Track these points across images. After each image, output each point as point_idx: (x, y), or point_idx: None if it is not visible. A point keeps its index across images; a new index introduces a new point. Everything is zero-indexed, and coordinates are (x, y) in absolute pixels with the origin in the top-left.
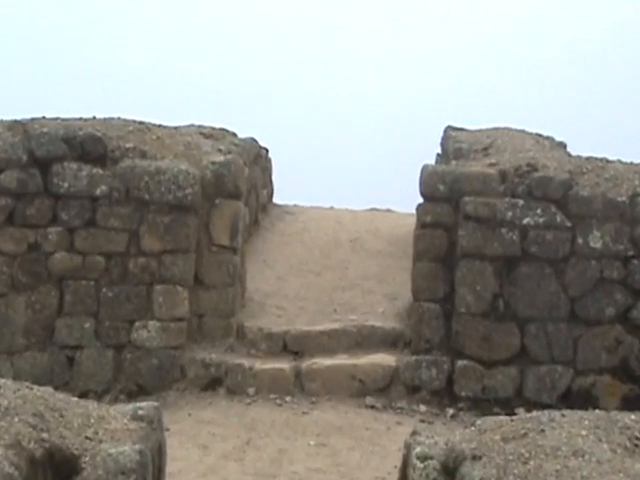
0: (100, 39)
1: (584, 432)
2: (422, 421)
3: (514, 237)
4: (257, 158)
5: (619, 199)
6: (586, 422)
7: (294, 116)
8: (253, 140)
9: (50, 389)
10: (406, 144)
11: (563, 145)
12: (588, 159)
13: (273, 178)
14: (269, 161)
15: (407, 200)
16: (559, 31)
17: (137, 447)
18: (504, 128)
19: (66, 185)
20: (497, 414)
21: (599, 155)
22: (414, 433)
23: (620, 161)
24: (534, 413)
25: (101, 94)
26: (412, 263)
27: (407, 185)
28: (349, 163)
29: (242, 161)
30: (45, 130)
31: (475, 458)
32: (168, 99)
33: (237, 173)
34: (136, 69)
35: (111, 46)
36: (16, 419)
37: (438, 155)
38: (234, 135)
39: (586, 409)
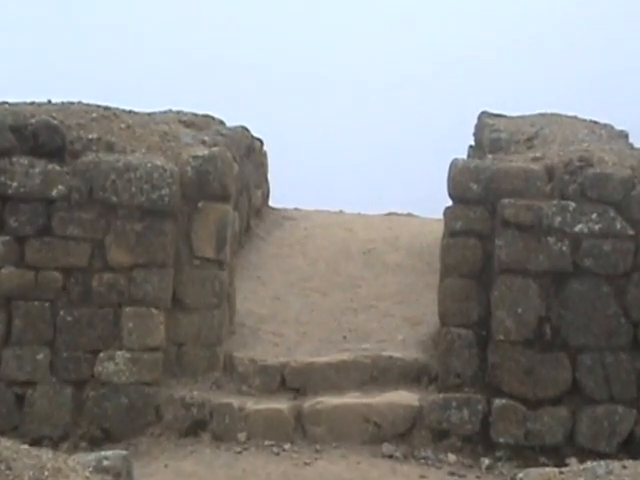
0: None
1: None
2: (451, 474)
3: (564, 248)
4: (249, 151)
5: None
6: None
7: (295, 103)
8: (244, 129)
9: None
10: (431, 136)
11: (624, 135)
12: None
13: (269, 176)
14: (264, 155)
15: (432, 203)
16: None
17: None
18: (552, 114)
19: (15, 185)
20: (543, 465)
21: None
22: None
23: None
24: (588, 464)
25: (60, 75)
26: (439, 280)
27: (432, 185)
28: (361, 159)
29: (231, 155)
30: None
31: None
32: (140, 80)
33: (225, 169)
34: (103, 46)
35: (68, 10)
36: None
37: (471, 147)
38: (221, 123)
39: None
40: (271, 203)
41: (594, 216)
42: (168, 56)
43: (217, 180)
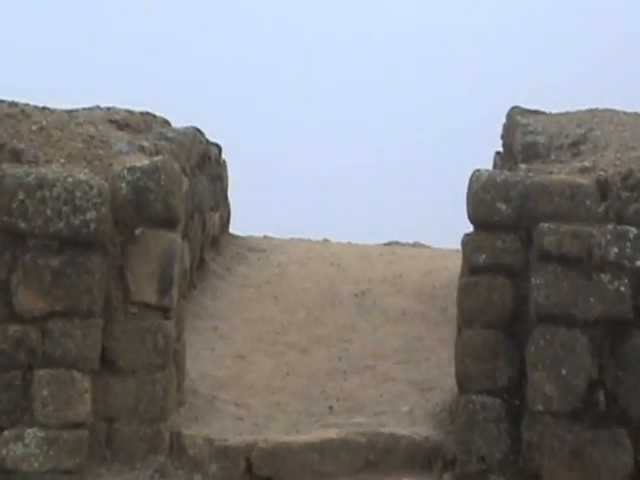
0: None
1: None
2: None
3: (622, 288)
4: (203, 161)
5: None
6: None
7: (266, 103)
8: (197, 132)
9: None
10: (444, 142)
11: None
12: None
13: (230, 193)
14: (223, 166)
15: (447, 229)
16: None
17: None
18: (605, 110)
19: None
20: None
21: None
22: None
23: None
24: None
25: None
26: (456, 331)
27: (446, 206)
28: (353, 173)
29: (179, 166)
30: None
31: None
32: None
33: (170, 185)
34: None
35: None
36: None
37: (498, 155)
38: (166, 124)
39: None
40: (232, 230)
41: None
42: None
43: (160, 199)
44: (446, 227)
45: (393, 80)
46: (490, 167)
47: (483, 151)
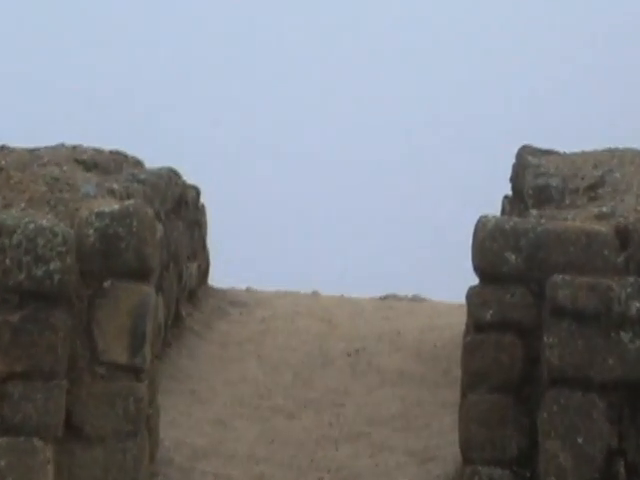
0: None
1: None
2: None
3: None
4: (180, 205)
5: None
6: None
7: (249, 144)
8: (172, 173)
9: None
10: (446, 184)
11: None
12: None
13: (209, 241)
14: (202, 211)
15: (449, 281)
16: None
17: None
18: (625, 150)
19: None
20: None
21: None
22: None
23: None
24: None
25: None
26: (460, 395)
27: (449, 255)
28: (345, 219)
29: (152, 211)
30: None
31: None
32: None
33: (143, 233)
34: None
35: None
36: None
37: (506, 199)
38: (138, 164)
39: None
40: (212, 281)
41: None
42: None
43: (132, 248)
44: (448, 279)
45: (387, 125)
46: (498, 213)
47: (490, 195)
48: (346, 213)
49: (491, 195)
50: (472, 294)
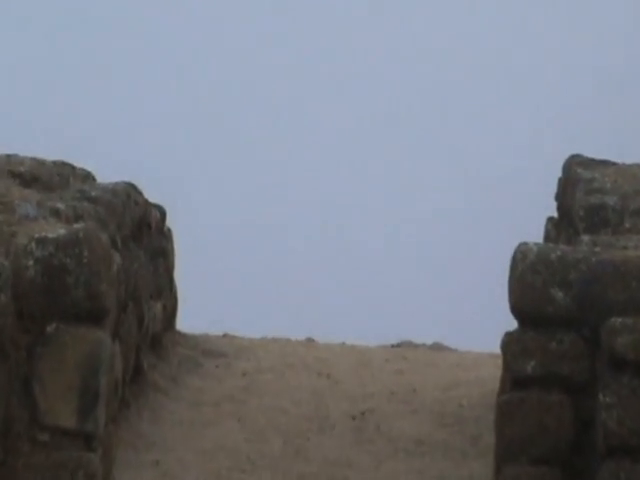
0: None
1: None
2: None
3: None
4: (141, 230)
5: None
6: None
7: (230, 154)
8: (131, 189)
9: None
10: (475, 201)
11: None
12: None
13: (177, 275)
14: (168, 237)
15: (478, 325)
16: None
17: None
18: None
19: None
20: None
21: None
22: None
23: None
24: None
25: None
26: (494, 468)
27: (478, 292)
28: (347, 244)
29: (107, 236)
30: None
31: None
32: None
33: (95, 264)
34: None
35: None
36: None
37: (551, 222)
38: (88, 178)
39: None
40: (180, 325)
41: None
42: None
43: (82, 284)
44: (477, 323)
45: (397, 149)
46: (541, 239)
47: (530, 216)
48: (348, 239)
49: (532, 216)
50: (509, 341)
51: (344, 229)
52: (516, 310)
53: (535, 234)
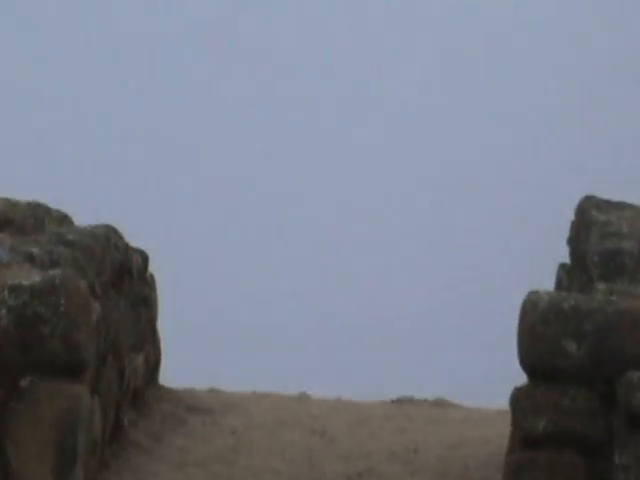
0: None
1: None
2: None
3: None
4: (121, 276)
5: None
6: None
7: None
8: (112, 232)
9: None
10: (479, 241)
11: None
12: None
13: (160, 326)
14: (151, 284)
15: (484, 380)
16: None
17: None
18: None
19: None
20: None
21: None
22: None
23: None
24: None
25: None
26: None
27: (483, 345)
28: (342, 295)
29: (85, 284)
30: None
31: None
32: None
33: (73, 313)
34: None
35: None
36: None
37: (563, 268)
38: (64, 220)
39: None
40: (163, 380)
41: None
42: None
43: (59, 335)
44: (483, 377)
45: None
46: (552, 287)
47: (541, 263)
48: (345, 286)
49: (542, 262)
50: (518, 397)
51: (342, 275)
52: (526, 363)
53: (546, 282)
